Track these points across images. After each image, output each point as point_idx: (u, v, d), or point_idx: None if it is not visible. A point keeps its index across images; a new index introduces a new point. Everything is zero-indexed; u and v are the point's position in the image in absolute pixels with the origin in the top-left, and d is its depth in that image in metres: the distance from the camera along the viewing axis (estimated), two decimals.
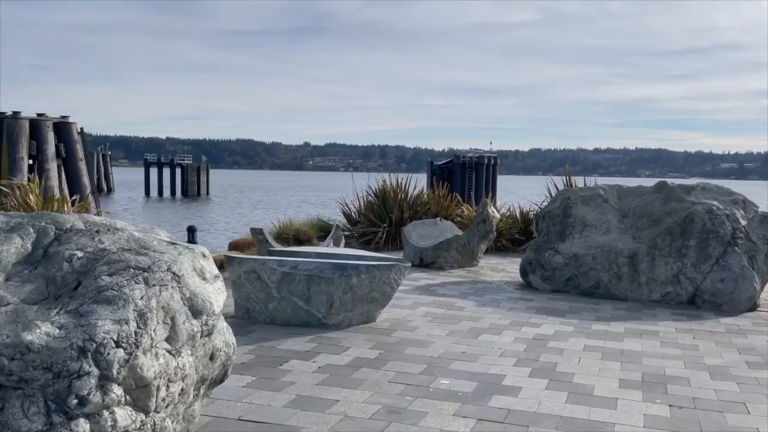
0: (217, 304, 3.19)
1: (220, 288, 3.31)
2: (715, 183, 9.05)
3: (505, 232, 13.77)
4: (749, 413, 4.03)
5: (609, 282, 8.31)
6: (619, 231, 8.90)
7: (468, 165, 43.29)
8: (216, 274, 3.34)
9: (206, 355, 3.20)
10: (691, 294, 7.89)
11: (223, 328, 3.45)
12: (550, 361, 5.10)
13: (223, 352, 3.44)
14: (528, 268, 9.04)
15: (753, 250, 7.93)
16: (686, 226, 8.15)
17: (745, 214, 8.30)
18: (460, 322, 6.46)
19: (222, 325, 3.44)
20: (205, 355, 3.19)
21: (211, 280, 3.27)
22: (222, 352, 3.43)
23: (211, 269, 3.30)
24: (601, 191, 9.50)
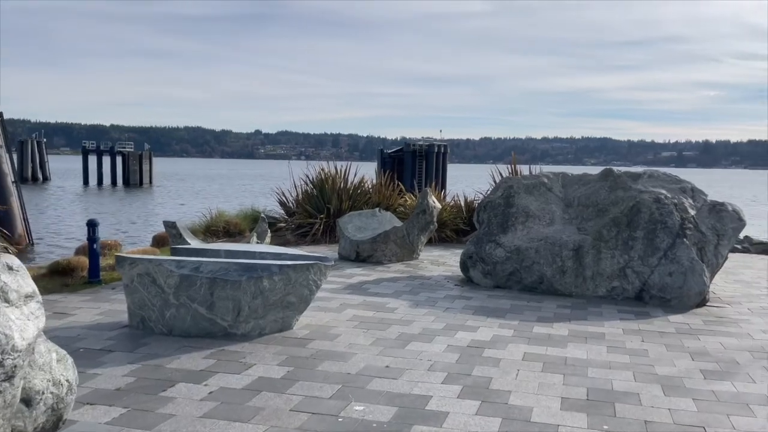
0: (23, 336, 2.33)
1: (32, 312, 2.45)
2: (663, 171, 8.60)
3: (449, 222, 13.15)
4: None
5: (553, 277, 7.75)
6: (563, 221, 8.36)
7: (418, 153, 42.68)
8: (28, 293, 2.48)
9: (8, 405, 2.34)
10: (639, 289, 7.41)
11: (48, 364, 2.60)
12: (484, 376, 4.43)
13: (49, 395, 2.60)
14: (468, 262, 8.40)
15: (702, 242, 7.51)
16: (633, 216, 7.66)
17: (693, 203, 7.87)
18: (389, 327, 5.74)
19: (46, 360, 2.59)
20: (7, 405, 2.34)
21: (18, 302, 2.41)
22: (47, 395, 2.59)
23: (18, 287, 2.44)
24: (545, 179, 8.94)
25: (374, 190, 13.19)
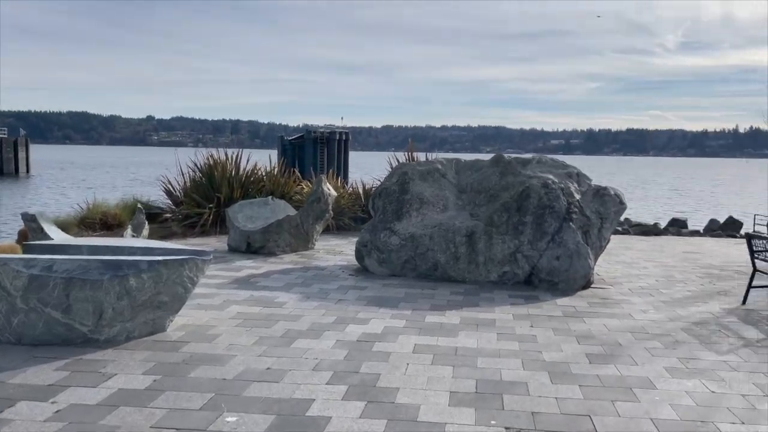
0: None
1: None
2: (550, 157, 8.78)
3: (347, 210, 12.89)
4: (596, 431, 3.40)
5: (447, 263, 7.68)
6: (457, 208, 8.32)
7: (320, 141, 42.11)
8: None
9: None
10: (528, 273, 7.50)
11: None
12: (372, 373, 4.18)
13: None
14: (363, 251, 8.17)
15: (587, 225, 7.71)
16: (522, 202, 7.73)
17: (578, 188, 8.08)
18: (275, 323, 5.37)
19: None
20: None
21: None
22: None
23: None
24: (439, 165, 8.86)
25: (268, 177, 12.63)
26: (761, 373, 4.24)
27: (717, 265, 9.38)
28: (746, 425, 3.36)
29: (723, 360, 4.55)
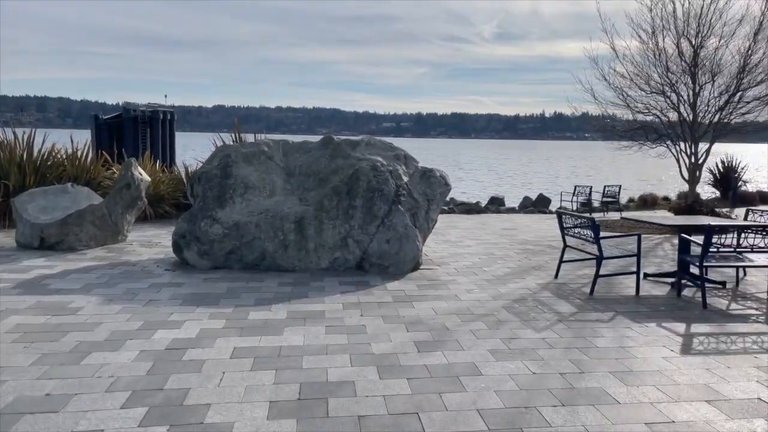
0: None
1: None
2: (379, 138, 8.65)
3: (167, 196, 11.79)
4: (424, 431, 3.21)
5: (275, 252, 7.22)
6: (285, 192, 7.86)
7: (141, 120, 38.71)
8: None
9: None
10: (360, 258, 7.31)
11: None
12: (180, 388, 3.62)
13: None
14: (181, 242, 7.39)
15: (415, 207, 7.71)
16: (352, 185, 7.50)
17: (407, 170, 8.05)
18: (64, 335, 4.52)
19: None
20: None
21: None
22: None
23: None
24: (265, 147, 8.31)
25: (70, 161, 11.07)
26: (575, 349, 4.40)
27: (531, 240, 10.02)
28: (566, 407, 3.39)
29: (541, 337, 4.68)
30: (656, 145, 13.54)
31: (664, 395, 3.55)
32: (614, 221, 13.14)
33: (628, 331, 4.88)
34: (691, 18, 12.36)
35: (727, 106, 12.55)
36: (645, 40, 12.89)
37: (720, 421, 3.19)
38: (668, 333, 4.81)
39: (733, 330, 4.90)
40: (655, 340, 4.62)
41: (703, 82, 12.61)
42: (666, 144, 13.28)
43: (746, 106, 12.50)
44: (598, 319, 5.22)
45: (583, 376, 3.86)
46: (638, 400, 3.49)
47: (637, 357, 4.24)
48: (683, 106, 12.81)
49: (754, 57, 12.15)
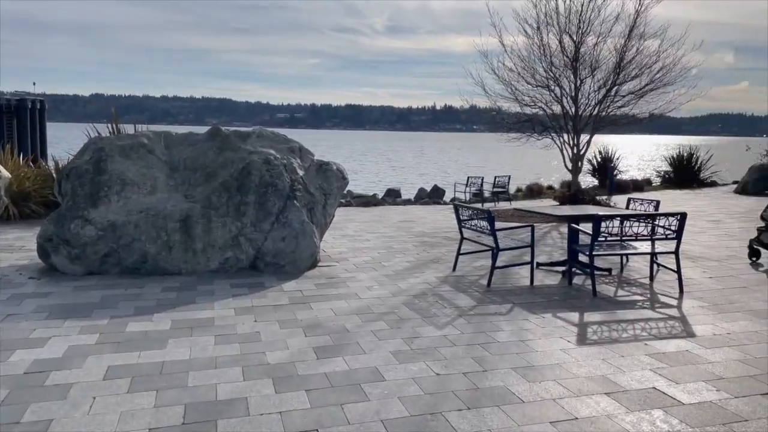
0: None
1: None
2: (271, 130, 8.23)
3: (33, 193, 10.64)
4: None
5: (158, 254, 6.64)
6: (168, 189, 7.26)
7: (5, 109, 35.41)
8: None
9: None
10: (253, 257, 6.91)
11: None
12: (41, 420, 3.12)
13: None
14: (48, 246, 6.61)
15: (312, 203, 7.40)
16: (244, 180, 7.07)
17: (302, 164, 7.71)
18: None
19: None
20: None
21: None
22: None
23: None
24: (144, 140, 7.63)
25: None
26: (477, 345, 4.33)
27: (428, 232, 10.04)
28: (471, 410, 3.28)
29: (443, 335, 4.58)
30: (542, 137, 14.09)
31: (565, 390, 3.54)
32: (505, 211, 13.55)
33: (526, 323, 4.90)
34: (572, 14, 12.95)
35: (605, 100, 13.29)
36: (530, 35, 13.35)
37: (620, 414, 3.21)
38: (564, 323, 4.89)
39: (623, 317, 5.06)
40: (553, 332, 4.67)
41: (583, 77, 13.26)
42: (551, 136, 13.86)
43: (622, 100, 13.30)
44: (497, 312, 5.21)
45: (486, 374, 3.78)
46: (541, 397, 3.45)
47: (537, 350, 4.24)
48: (566, 100, 13.43)
49: (628, 53, 12.94)
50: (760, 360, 4.00)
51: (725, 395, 3.42)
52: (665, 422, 3.11)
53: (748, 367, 3.88)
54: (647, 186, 20.05)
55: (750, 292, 5.94)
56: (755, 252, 7.45)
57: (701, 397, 3.41)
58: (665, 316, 5.08)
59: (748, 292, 5.91)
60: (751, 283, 6.35)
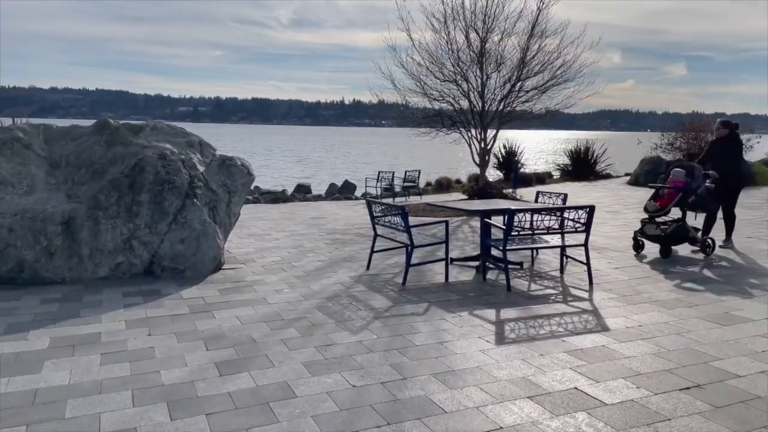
0: None
1: None
2: (167, 123, 7.61)
3: None
4: None
5: (37, 261, 5.91)
6: (48, 188, 6.50)
7: None
8: None
9: None
10: (149, 262, 6.32)
11: None
12: None
13: None
14: None
15: (214, 201, 6.89)
16: (136, 177, 6.45)
17: (202, 159, 7.17)
18: None
19: None
20: None
21: None
22: None
23: None
24: (20, 133, 6.80)
25: None
26: (395, 350, 4.10)
27: (340, 229, 9.75)
28: (391, 425, 3.02)
29: (358, 340, 4.31)
30: (451, 132, 14.17)
31: (488, 396, 3.37)
32: (416, 205, 13.52)
33: (443, 323, 4.73)
34: (477, 10, 13.07)
35: (510, 95, 13.55)
36: (438, 29, 13.35)
37: (545, 420, 3.07)
38: (481, 322, 4.76)
39: (538, 312, 5.02)
40: (470, 331, 4.52)
41: (489, 72, 13.45)
42: (459, 130, 13.96)
43: (526, 95, 13.62)
44: (413, 312, 5.01)
45: (405, 383, 3.55)
46: (464, 405, 3.25)
47: (456, 353, 4.06)
48: (473, 94, 13.56)
49: (531, 50, 13.25)
50: (673, 353, 4.04)
51: (645, 393, 3.39)
52: (590, 426, 3.01)
53: (663, 360, 3.89)
54: (549, 179, 20.84)
55: (653, 282, 6.12)
56: (639, 245, 7.62)
57: (623, 395, 3.35)
58: (579, 310, 5.09)
59: (652, 282, 6.09)
60: (653, 273, 6.56)
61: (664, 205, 7.54)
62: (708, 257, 7.33)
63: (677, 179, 7.62)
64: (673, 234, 7.38)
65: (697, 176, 7.52)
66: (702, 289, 5.80)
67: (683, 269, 6.71)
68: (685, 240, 7.49)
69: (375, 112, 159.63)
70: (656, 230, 7.47)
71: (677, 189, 7.49)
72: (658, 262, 7.07)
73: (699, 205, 7.51)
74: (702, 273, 6.50)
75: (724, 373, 3.67)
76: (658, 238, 7.41)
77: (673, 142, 19.96)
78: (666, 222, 7.54)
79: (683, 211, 7.59)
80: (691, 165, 7.77)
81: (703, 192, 7.46)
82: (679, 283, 6.05)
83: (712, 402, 3.26)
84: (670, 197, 7.57)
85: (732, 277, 6.30)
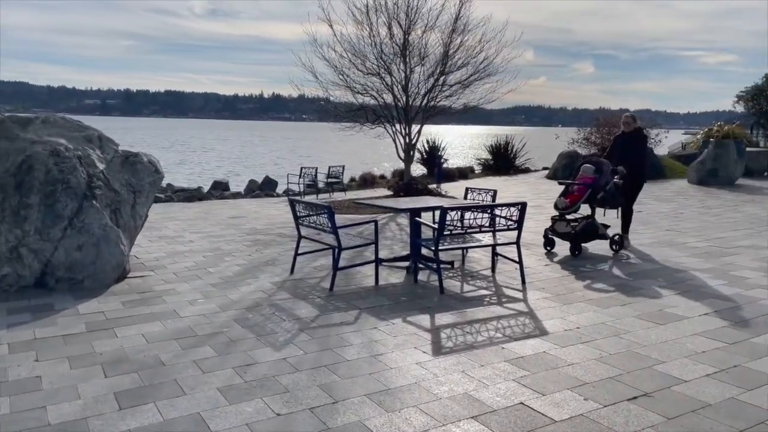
0: None
1: None
2: (61, 116, 6.80)
3: None
4: None
5: None
6: None
7: None
8: None
9: None
10: (40, 272, 5.57)
11: None
12: None
13: None
14: None
15: (117, 202, 6.20)
16: (25, 176, 5.67)
17: (102, 155, 6.44)
18: None
19: None
20: None
21: None
22: None
23: None
24: None
25: None
26: (324, 368, 3.70)
27: (261, 229, 9.21)
28: None
29: (283, 357, 3.88)
30: (375, 126, 13.86)
31: (429, 418, 3.04)
32: (342, 202, 13.13)
33: (375, 332, 4.38)
34: (400, 2, 12.79)
35: (434, 89, 13.39)
36: (361, 20, 12.97)
37: None
38: (416, 329, 4.45)
39: (474, 316, 4.77)
40: (405, 341, 4.20)
41: (413, 66, 13.22)
42: (384, 125, 13.67)
43: (449, 89, 13.50)
44: (343, 322, 4.63)
45: (337, 407, 3.17)
46: (403, 430, 2.91)
47: (391, 367, 3.72)
48: (396, 88, 13.30)
49: (453, 43, 13.13)
50: (615, 357, 3.89)
51: (594, 405, 3.17)
52: None
53: (607, 366, 3.72)
54: (471, 174, 20.99)
55: (584, 279, 6.05)
56: (550, 241, 7.48)
57: (571, 409, 3.12)
58: (515, 312, 4.88)
59: (583, 279, 6.02)
60: (583, 270, 6.51)
61: (574, 202, 7.32)
62: (617, 254, 7.21)
63: (586, 175, 7.46)
64: (584, 231, 7.18)
65: (605, 172, 7.34)
66: (634, 286, 5.77)
67: (610, 266, 6.71)
68: (595, 237, 7.28)
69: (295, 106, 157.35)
70: (567, 227, 7.26)
71: (586, 185, 7.34)
72: (588, 259, 7.05)
73: (607, 202, 7.34)
74: (630, 270, 6.52)
75: (669, 378, 3.53)
76: (568, 235, 7.20)
77: (588, 137, 20.62)
78: (576, 219, 7.40)
79: (592, 207, 7.38)
80: (599, 161, 7.58)
81: (611, 188, 7.31)
82: (610, 280, 6.01)
83: (663, 412, 3.09)
84: (579, 194, 7.38)
85: (658, 272, 6.34)
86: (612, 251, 7.32)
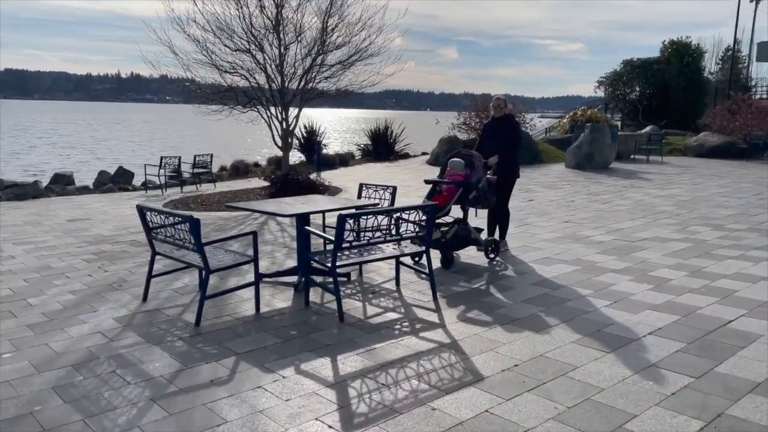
0: None
1: None
2: None
3: None
4: None
5: None
6: None
7: None
8: None
9: None
10: None
11: None
12: None
13: None
14: None
15: None
16: None
17: None
18: None
19: None
20: None
21: None
22: None
23: None
24: None
25: None
26: None
27: (109, 236, 7.56)
28: None
29: None
30: (247, 110, 12.38)
31: None
32: (211, 196, 11.59)
33: (260, 396, 3.22)
34: None
35: (312, 70, 12.18)
36: None
37: None
38: (314, 386, 3.34)
39: (387, 356, 3.75)
40: (302, 408, 3.08)
41: (287, 42, 11.89)
42: (257, 109, 12.25)
43: (329, 70, 12.35)
44: (214, 380, 3.41)
45: None
46: None
47: None
48: (270, 68, 11.91)
49: (332, 19, 11.97)
50: (575, 413, 3.04)
51: None
52: None
53: (570, 430, 2.86)
54: (351, 160, 20.04)
55: (499, 290, 5.27)
56: None
57: None
58: (435, 344, 3.94)
59: (498, 290, 5.23)
60: (493, 278, 5.75)
61: (444, 205, 6.08)
62: (492, 261, 6.22)
63: (456, 172, 6.31)
64: (456, 237, 6.06)
65: (477, 167, 6.23)
66: (558, 297, 5.06)
67: (520, 271, 6.02)
68: (468, 243, 6.23)
69: (158, 87, 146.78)
70: (436, 234, 5.99)
71: (456, 184, 6.19)
72: (493, 266, 6.31)
73: (481, 201, 6.26)
74: (548, 273, 5.85)
75: None
76: (437, 243, 5.94)
77: (468, 122, 20.45)
78: (447, 224, 6.21)
79: (464, 209, 6.25)
80: (470, 153, 6.41)
81: (484, 185, 6.20)
82: (527, 290, 5.28)
83: None
84: (449, 194, 6.22)
85: (576, 276, 5.73)
86: (488, 259, 6.29)
